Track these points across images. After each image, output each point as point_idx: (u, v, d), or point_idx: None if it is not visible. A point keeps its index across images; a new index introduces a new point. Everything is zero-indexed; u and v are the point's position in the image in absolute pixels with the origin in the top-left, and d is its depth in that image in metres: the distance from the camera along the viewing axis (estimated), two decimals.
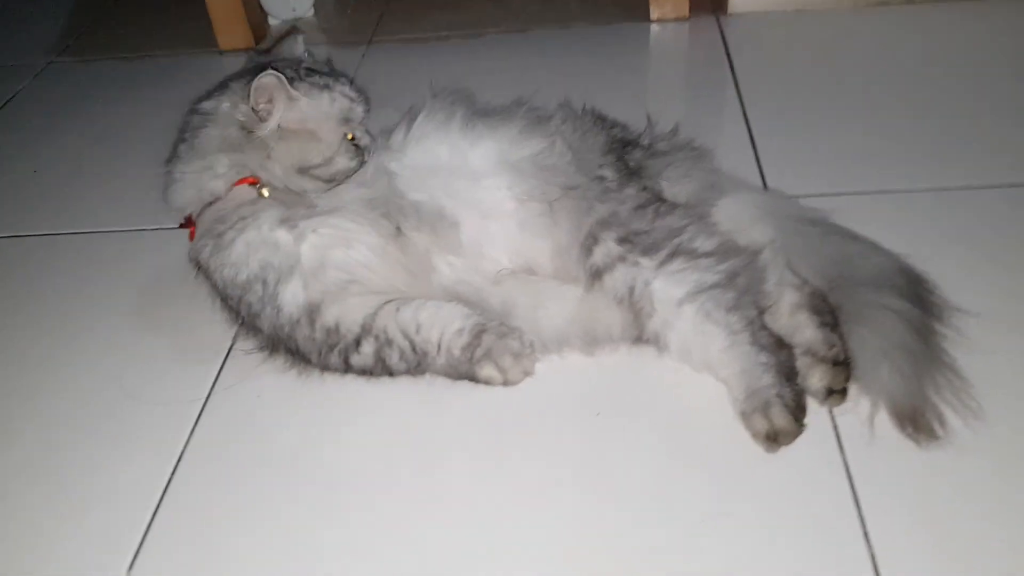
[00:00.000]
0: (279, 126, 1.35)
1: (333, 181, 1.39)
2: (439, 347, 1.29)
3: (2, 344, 1.55)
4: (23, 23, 2.93)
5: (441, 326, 1.30)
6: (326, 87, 1.39)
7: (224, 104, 1.38)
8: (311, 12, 2.66)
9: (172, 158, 1.43)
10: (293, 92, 1.33)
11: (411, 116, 1.47)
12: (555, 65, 2.27)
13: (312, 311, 1.29)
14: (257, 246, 1.30)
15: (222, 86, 1.43)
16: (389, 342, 1.29)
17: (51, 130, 2.25)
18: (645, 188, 1.38)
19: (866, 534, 1.06)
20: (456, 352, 1.29)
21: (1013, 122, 1.80)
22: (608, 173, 1.37)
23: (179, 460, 1.27)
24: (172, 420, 1.33)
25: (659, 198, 1.38)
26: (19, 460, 1.31)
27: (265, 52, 1.49)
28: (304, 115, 1.36)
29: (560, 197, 1.33)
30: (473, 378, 1.32)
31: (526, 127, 1.42)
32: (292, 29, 1.49)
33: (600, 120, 1.50)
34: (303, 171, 1.37)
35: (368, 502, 1.18)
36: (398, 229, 1.35)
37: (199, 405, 1.35)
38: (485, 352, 1.30)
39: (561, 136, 1.41)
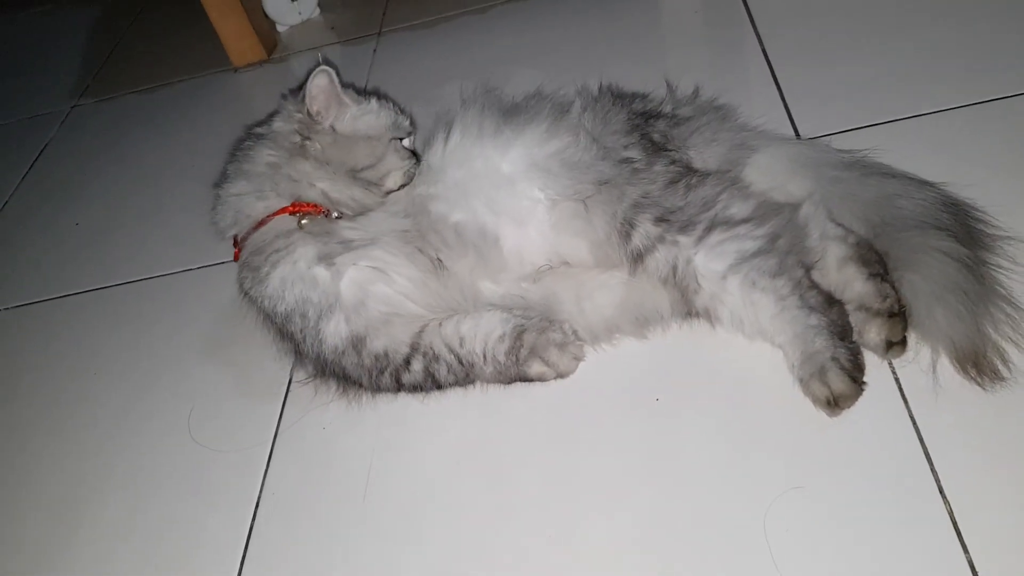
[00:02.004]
0: (333, 128, 1.41)
1: (383, 186, 1.44)
2: (484, 356, 1.31)
3: (73, 407, 1.60)
4: (41, 70, 2.96)
5: (483, 336, 1.31)
6: (373, 96, 1.50)
7: (276, 123, 1.45)
8: (317, 13, 2.64)
9: (221, 180, 1.48)
10: (342, 94, 1.41)
11: (444, 132, 1.46)
12: (566, 27, 2.23)
13: (357, 342, 1.32)
14: (293, 281, 1.33)
15: (273, 113, 1.49)
16: (436, 358, 1.31)
17: (85, 177, 2.28)
18: (674, 162, 1.36)
19: (941, 489, 1.06)
20: (501, 358, 1.31)
21: None
22: (634, 153, 1.36)
23: (256, 506, 1.31)
24: (244, 466, 1.37)
25: (689, 169, 1.36)
26: (107, 524, 1.37)
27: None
28: (355, 119, 1.43)
29: (593, 194, 1.32)
30: (525, 378, 1.33)
31: (550, 125, 1.40)
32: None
33: (619, 97, 1.48)
34: (354, 174, 1.42)
35: (445, 521, 1.21)
36: (439, 261, 1.37)
37: (268, 447, 1.38)
38: (529, 350, 1.31)
39: (583, 127, 1.39)
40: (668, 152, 1.38)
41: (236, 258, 1.43)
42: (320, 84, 1.39)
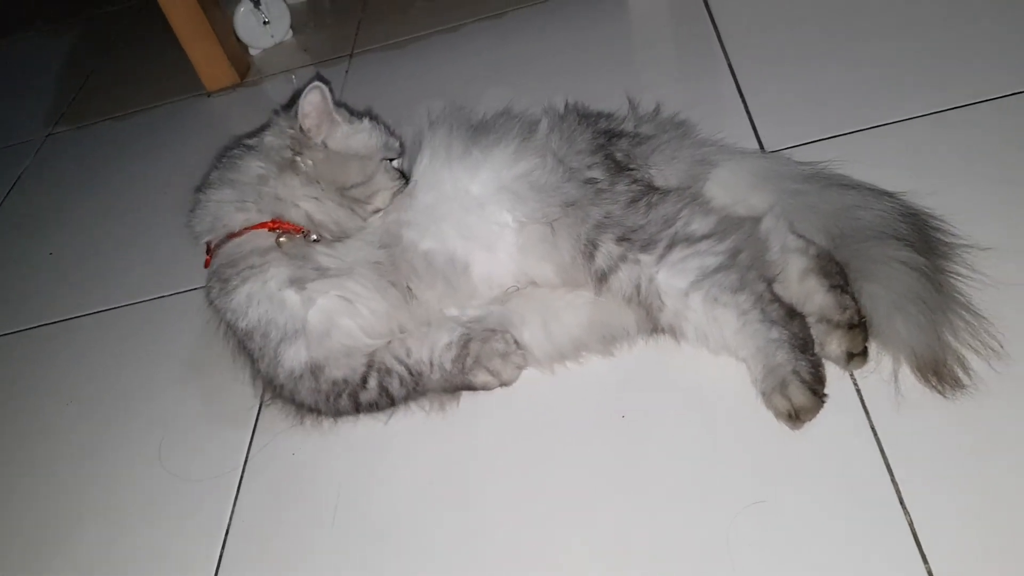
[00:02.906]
0: (325, 144, 1.42)
1: (371, 205, 1.44)
2: (431, 364, 1.33)
3: (46, 438, 1.60)
4: (15, 99, 2.97)
5: (430, 345, 1.34)
6: (366, 116, 1.50)
7: (268, 136, 1.45)
8: (289, 35, 2.65)
9: (203, 185, 1.48)
10: (335, 112, 1.42)
11: (416, 156, 1.47)
12: (536, 45, 2.24)
13: (316, 369, 1.32)
14: (259, 300, 1.33)
15: (264, 127, 1.49)
16: (388, 371, 1.33)
17: (60, 206, 2.29)
18: (635, 180, 1.37)
19: (901, 500, 1.07)
20: (448, 365, 1.33)
21: (1000, 29, 1.72)
22: (598, 173, 1.37)
23: (227, 533, 1.31)
24: (215, 493, 1.37)
25: (651, 187, 1.37)
26: (79, 555, 1.37)
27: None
28: (347, 137, 1.44)
29: (560, 216, 1.33)
30: (470, 387, 1.36)
31: (519, 146, 1.41)
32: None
33: (584, 117, 1.49)
34: (343, 191, 1.42)
35: (414, 545, 1.22)
36: (409, 290, 1.38)
37: (238, 473, 1.39)
38: (475, 359, 1.33)
39: (549, 148, 1.40)
40: (630, 171, 1.38)
41: (207, 265, 1.43)
42: (313, 100, 1.40)
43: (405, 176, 1.47)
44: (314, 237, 1.39)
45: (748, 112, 1.74)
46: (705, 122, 1.60)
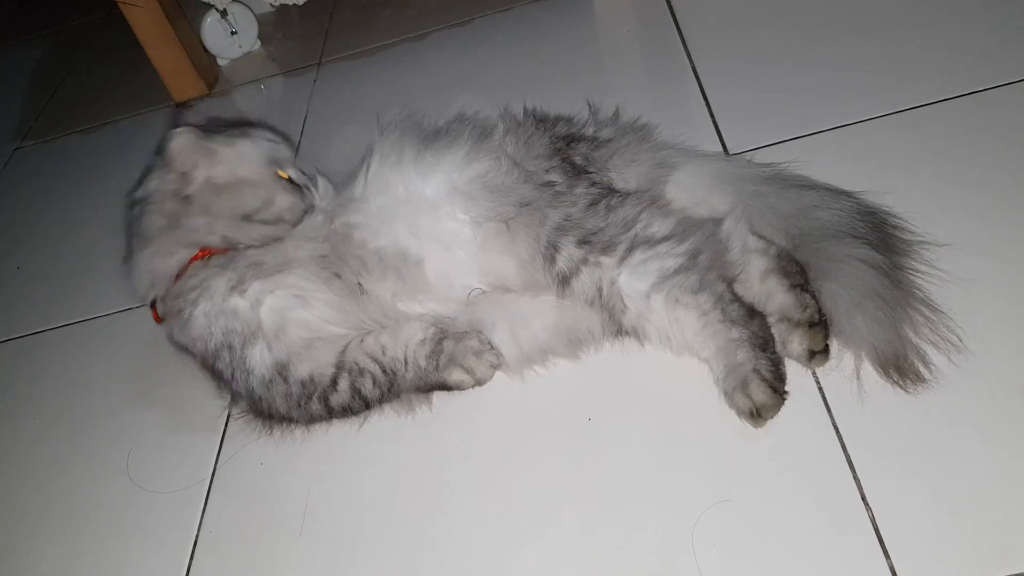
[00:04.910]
0: (208, 180, 1.38)
1: (282, 223, 1.42)
2: (406, 362, 1.33)
3: (11, 454, 1.59)
4: None
5: (404, 341, 1.33)
6: (244, 135, 1.45)
7: (152, 182, 1.41)
8: (258, 45, 2.64)
9: (127, 254, 1.46)
10: (209, 144, 1.38)
11: (366, 161, 1.46)
12: (501, 52, 2.24)
13: (282, 369, 1.31)
14: (216, 316, 1.32)
15: (147, 169, 1.44)
16: (361, 371, 1.32)
17: (28, 220, 2.27)
18: (594, 183, 1.37)
19: (863, 496, 1.07)
20: (422, 362, 1.33)
21: (954, 31, 1.75)
22: (556, 177, 1.37)
23: (195, 545, 1.30)
24: (183, 505, 1.36)
25: (610, 190, 1.37)
26: (47, 572, 1.36)
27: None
28: (230, 165, 1.40)
29: (515, 215, 1.33)
30: (444, 386, 1.36)
31: (471, 149, 1.41)
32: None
33: (541, 121, 1.49)
34: (248, 219, 1.40)
35: (381, 554, 1.21)
36: (360, 286, 1.37)
37: (206, 485, 1.38)
38: (449, 357, 1.33)
39: (504, 152, 1.40)
40: (589, 174, 1.39)
41: (156, 320, 1.42)
42: (180, 143, 1.36)
43: (301, 187, 1.44)
44: (244, 246, 1.39)
45: (712, 115, 1.75)
46: (671, 125, 1.61)
